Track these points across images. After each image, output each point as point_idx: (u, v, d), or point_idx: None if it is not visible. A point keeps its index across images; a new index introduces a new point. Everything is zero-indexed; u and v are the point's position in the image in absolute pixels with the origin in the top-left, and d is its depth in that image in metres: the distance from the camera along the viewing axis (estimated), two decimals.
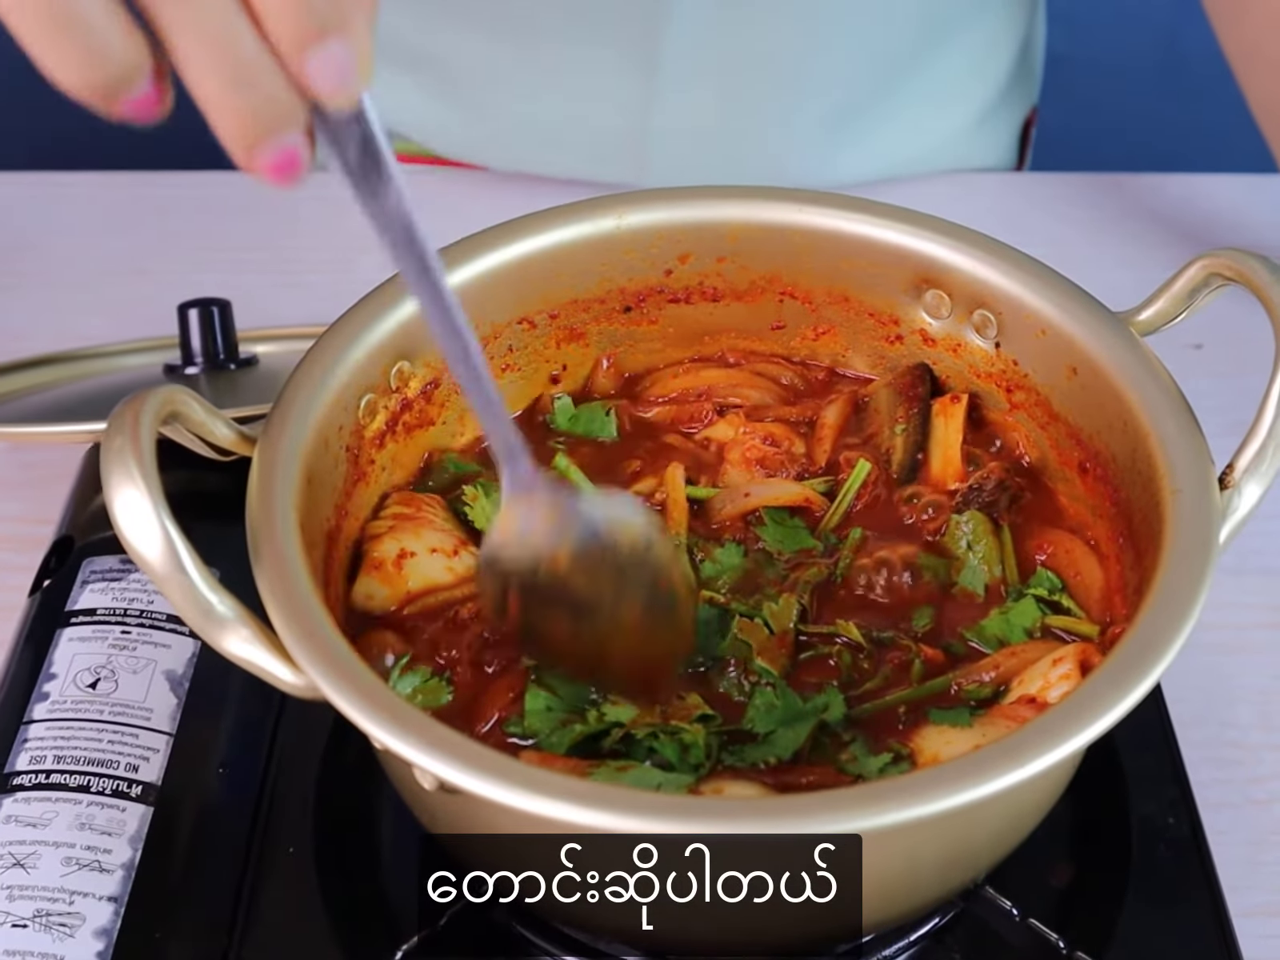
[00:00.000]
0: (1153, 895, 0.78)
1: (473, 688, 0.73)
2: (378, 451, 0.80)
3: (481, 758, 0.60)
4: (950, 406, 0.83)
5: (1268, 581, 0.99)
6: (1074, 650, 0.71)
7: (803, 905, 0.62)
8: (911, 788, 0.59)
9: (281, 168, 0.52)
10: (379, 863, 0.80)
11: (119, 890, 0.76)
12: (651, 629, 0.70)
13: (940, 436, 0.83)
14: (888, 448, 0.83)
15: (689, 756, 0.69)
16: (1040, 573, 0.78)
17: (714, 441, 0.85)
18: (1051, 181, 1.33)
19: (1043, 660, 0.72)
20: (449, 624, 0.75)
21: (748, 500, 0.81)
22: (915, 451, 0.83)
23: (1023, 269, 0.80)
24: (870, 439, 0.85)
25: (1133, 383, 0.74)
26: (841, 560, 0.78)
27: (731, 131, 1.27)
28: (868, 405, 0.86)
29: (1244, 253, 0.73)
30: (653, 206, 0.84)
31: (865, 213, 0.83)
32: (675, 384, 0.88)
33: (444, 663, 0.74)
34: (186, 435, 0.71)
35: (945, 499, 0.81)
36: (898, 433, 0.83)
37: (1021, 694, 0.71)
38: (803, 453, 0.84)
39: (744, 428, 0.84)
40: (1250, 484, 0.70)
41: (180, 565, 0.63)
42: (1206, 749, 0.89)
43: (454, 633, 0.74)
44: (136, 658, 0.85)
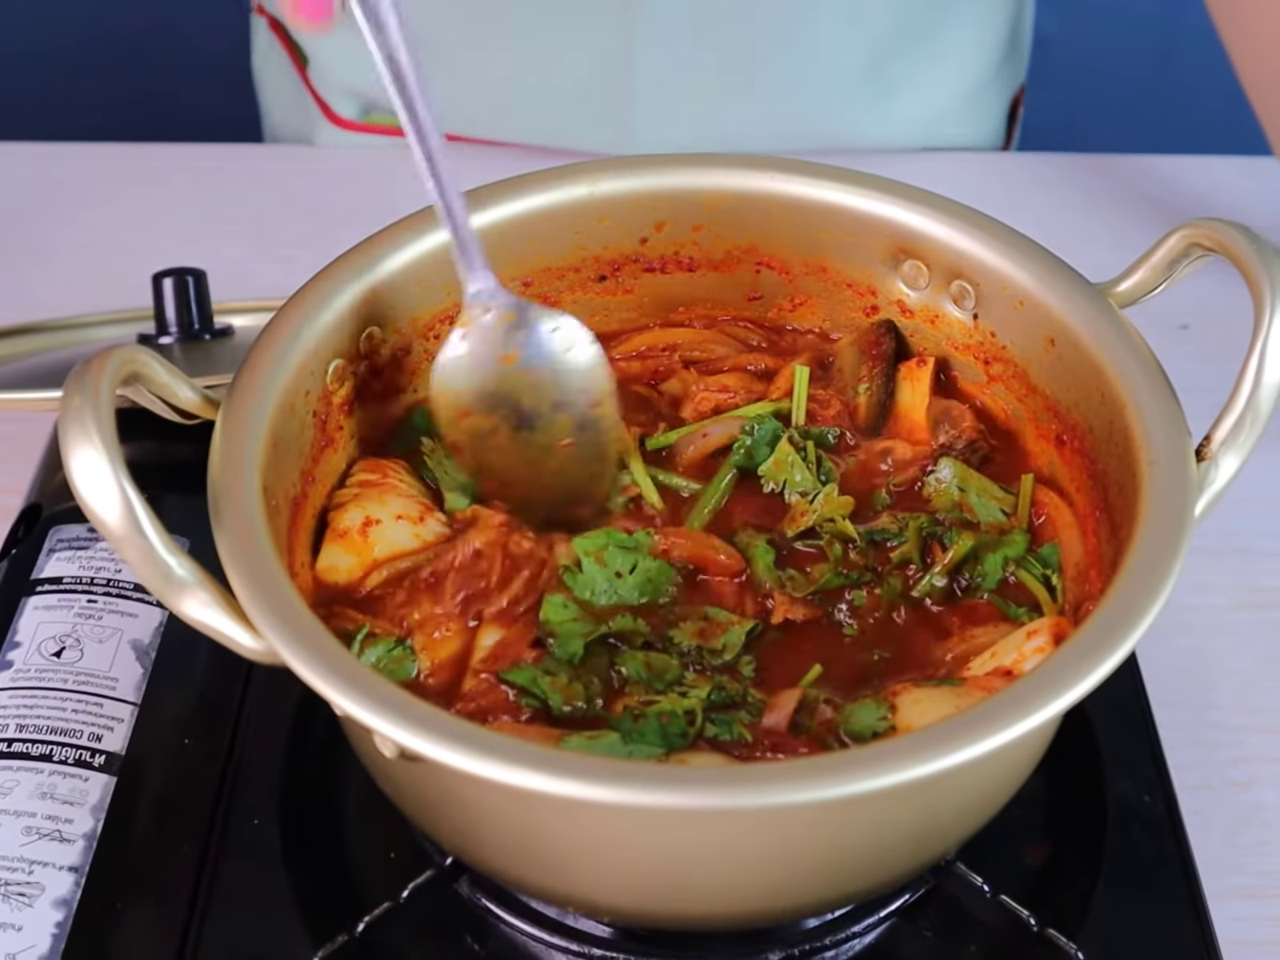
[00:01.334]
0: (1127, 875, 0.77)
1: (459, 641, 0.72)
2: (346, 418, 0.79)
3: (442, 723, 0.59)
4: (916, 370, 0.82)
5: (1248, 563, 0.99)
6: (1048, 624, 0.70)
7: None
8: (878, 757, 0.58)
9: (315, 6, 0.58)
10: (344, 835, 0.79)
11: (80, 860, 0.75)
12: (581, 453, 0.76)
13: (905, 399, 0.82)
14: (853, 405, 0.83)
15: (671, 727, 0.68)
16: (1050, 547, 0.77)
17: (669, 394, 0.85)
18: (1039, 162, 1.33)
19: (1016, 633, 0.71)
20: (419, 587, 0.74)
21: (707, 440, 0.80)
22: (880, 408, 0.82)
23: (1001, 239, 0.79)
24: (834, 396, 0.84)
25: (1110, 354, 0.73)
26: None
27: (714, 98, 1.27)
28: (832, 363, 0.85)
29: (1224, 223, 0.72)
30: (627, 174, 0.83)
31: (843, 182, 0.82)
32: (641, 340, 0.88)
33: (410, 628, 0.72)
34: (149, 397, 0.70)
35: (912, 457, 0.80)
36: (861, 391, 0.82)
37: (996, 666, 0.70)
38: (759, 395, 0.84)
39: (698, 382, 0.83)
40: (1228, 456, 0.69)
41: (138, 527, 0.62)
42: (1186, 730, 0.88)
43: (428, 593, 0.73)
44: (102, 627, 0.85)
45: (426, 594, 0.73)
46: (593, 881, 0.66)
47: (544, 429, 0.77)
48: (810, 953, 0.73)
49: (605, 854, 0.65)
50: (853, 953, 0.74)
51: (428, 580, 0.73)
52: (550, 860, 0.65)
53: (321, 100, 1.37)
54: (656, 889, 0.65)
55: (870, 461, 0.81)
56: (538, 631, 0.72)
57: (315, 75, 1.37)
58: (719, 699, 0.69)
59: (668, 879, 0.65)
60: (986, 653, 0.71)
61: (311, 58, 1.37)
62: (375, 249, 0.79)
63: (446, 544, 0.75)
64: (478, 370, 0.76)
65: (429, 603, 0.72)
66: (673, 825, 0.62)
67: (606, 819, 0.62)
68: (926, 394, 0.82)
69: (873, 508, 0.78)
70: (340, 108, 1.36)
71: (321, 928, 0.74)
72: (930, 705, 0.68)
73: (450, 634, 0.72)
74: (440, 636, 0.72)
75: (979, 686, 0.69)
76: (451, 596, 0.73)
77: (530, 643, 0.71)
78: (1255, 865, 0.83)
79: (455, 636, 0.72)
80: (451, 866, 0.75)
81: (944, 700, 0.68)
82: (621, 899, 0.67)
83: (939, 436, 0.81)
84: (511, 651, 0.71)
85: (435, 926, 0.75)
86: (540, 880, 0.67)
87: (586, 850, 0.64)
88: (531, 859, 0.66)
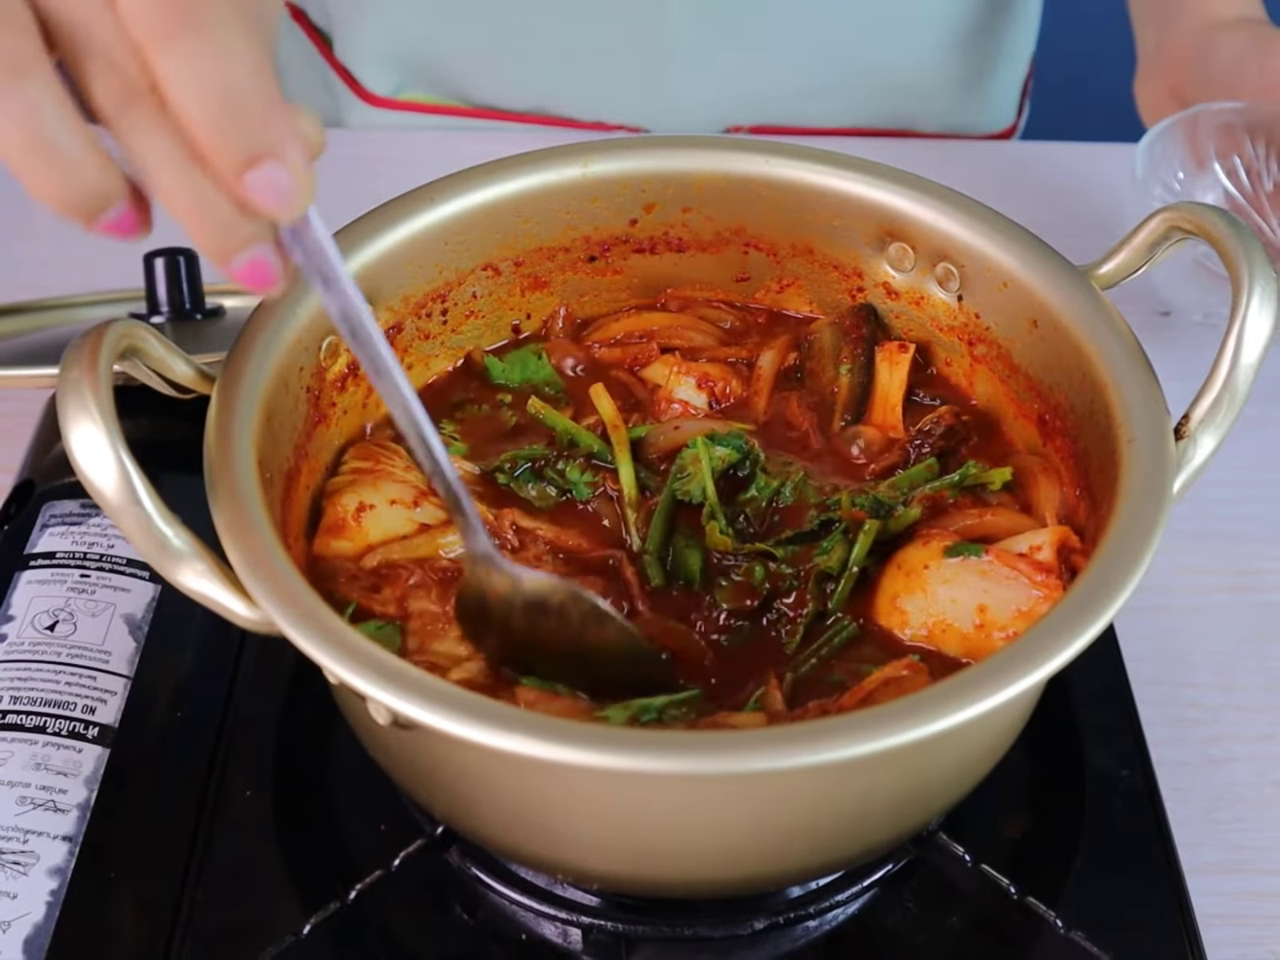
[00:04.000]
0: (1105, 845, 0.78)
1: (451, 640, 0.72)
2: (339, 394, 0.79)
3: (435, 690, 0.60)
4: (897, 354, 0.84)
5: (1229, 545, 1.00)
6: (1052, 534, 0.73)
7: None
8: (862, 724, 0.59)
9: (253, 276, 0.56)
10: (336, 805, 0.80)
11: (74, 830, 0.76)
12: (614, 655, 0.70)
13: (883, 383, 0.83)
14: (833, 387, 0.84)
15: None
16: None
17: (650, 381, 0.85)
18: (1029, 150, 1.33)
19: (1019, 538, 0.73)
20: (430, 580, 0.74)
21: (678, 434, 0.81)
22: (861, 391, 0.83)
23: (986, 222, 0.80)
24: (811, 378, 0.85)
25: (1091, 334, 0.74)
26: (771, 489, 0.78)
27: (750, 68, 1.27)
28: (811, 344, 0.86)
29: (1203, 205, 0.73)
30: (618, 155, 0.84)
31: (830, 165, 0.83)
32: (618, 327, 0.88)
33: (409, 613, 0.73)
34: (145, 371, 0.70)
35: (884, 443, 0.81)
36: (843, 372, 0.83)
37: (1014, 549, 0.72)
38: (740, 393, 0.84)
39: (676, 367, 0.84)
40: (1205, 435, 0.70)
41: (135, 497, 0.62)
42: (1165, 707, 0.89)
43: (438, 589, 0.74)
44: (95, 601, 0.85)
45: (436, 588, 0.73)
46: (581, 848, 0.67)
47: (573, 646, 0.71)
48: (794, 921, 0.74)
49: (593, 820, 0.65)
50: (836, 921, 0.76)
51: (442, 573, 0.74)
52: (540, 827, 0.66)
53: (351, 78, 1.35)
54: (644, 855, 0.66)
55: (842, 450, 0.81)
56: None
57: (342, 49, 1.35)
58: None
59: (654, 844, 0.66)
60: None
61: (336, 32, 1.35)
62: (367, 227, 0.79)
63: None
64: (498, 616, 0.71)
65: (435, 600, 0.73)
66: (659, 789, 0.62)
67: (594, 784, 0.63)
68: (904, 379, 0.83)
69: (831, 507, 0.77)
70: (373, 82, 1.34)
71: (313, 896, 0.74)
72: (960, 591, 0.71)
73: (444, 632, 0.72)
74: (435, 630, 0.72)
75: (1003, 562, 0.71)
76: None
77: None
78: (1231, 840, 0.84)
79: (449, 637, 0.72)
80: (442, 836, 0.75)
81: (972, 585, 0.71)
82: (608, 865, 0.67)
83: (909, 431, 0.82)
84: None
85: (425, 895, 0.76)
86: (530, 847, 0.68)
87: (575, 816, 0.65)
88: (522, 826, 0.67)
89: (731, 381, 0.84)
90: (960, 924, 0.75)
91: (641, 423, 0.82)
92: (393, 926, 0.75)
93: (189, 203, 0.54)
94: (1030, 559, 0.72)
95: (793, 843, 0.66)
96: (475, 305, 0.85)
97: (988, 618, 0.70)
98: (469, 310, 0.85)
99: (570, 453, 0.80)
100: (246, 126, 0.52)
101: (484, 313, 0.86)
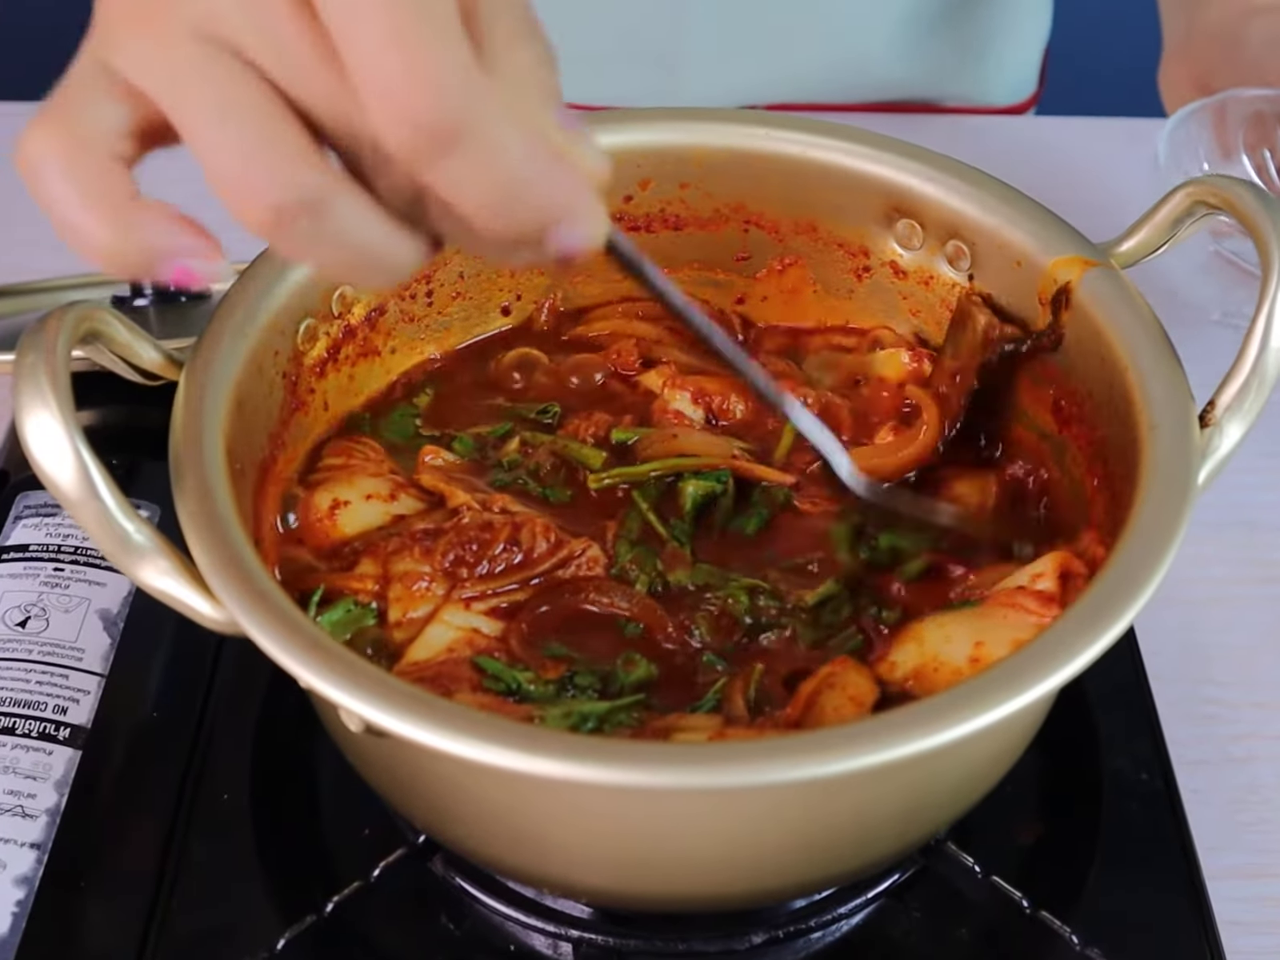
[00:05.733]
0: (1123, 854, 0.75)
1: (435, 605, 0.70)
2: (318, 380, 0.76)
3: (409, 697, 0.57)
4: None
5: (1251, 535, 0.96)
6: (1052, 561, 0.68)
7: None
8: (863, 735, 0.55)
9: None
10: (318, 811, 0.77)
11: (43, 837, 0.73)
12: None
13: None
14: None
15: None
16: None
17: (643, 386, 0.82)
18: (1046, 125, 1.30)
19: (1021, 571, 0.69)
20: (415, 537, 0.72)
21: (673, 443, 0.77)
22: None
23: (998, 197, 0.77)
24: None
25: (1111, 316, 0.71)
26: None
27: (766, 45, 1.25)
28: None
29: (1230, 179, 0.69)
30: (612, 129, 0.80)
31: (835, 138, 0.80)
32: (605, 325, 0.85)
33: (391, 577, 0.71)
34: (110, 357, 0.67)
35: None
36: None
37: (1014, 585, 0.68)
38: (742, 412, 0.81)
39: (671, 379, 0.81)
40: (1232, 423, 0.67)
41: (94, 491, 0.59)
42: (1184, 705, 0.86)
43: (420, 544, 0.71)
44: (69, 596, 0.82)
45: (419, 545, 0.71)
46: (568, 861, 0.64)
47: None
48: (795, 935, 0.71)
49: (580, 833, 0.62)
50: (839, 934, 0.72)
51: (424, 533, 0.72)
52: (524, 840, 0.63)
53: None
54: (633, 869, 0.63)
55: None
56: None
57: None
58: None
59: (645, 859, 0.63)
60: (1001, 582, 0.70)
61: None
62: None
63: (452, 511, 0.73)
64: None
65: (419, 556, 0.71)
66: (649, 804, 0.59)
67: (580, 797, 0.60)
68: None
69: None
70: None
71: (291, 907, 0.72)
72: (955, 629, 0.66)
73: (428, 593, 0.70)
74: (419, 591, 0.70)
75: (1000, 603, 0.67)
76: (442, 555, 0.71)
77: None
78: (1253, 843, 0.81)
79: (432, 599, 0.70)
80: (424, 844, 0.72)
81: (968, 622, 0.66)
82: (597, 879, 0.64)
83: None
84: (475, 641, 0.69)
85: (407, 907, 0.73)
86: (515, 860, 0.65)
87: (561, 829, 0.62)
88: (505, 838, 0.64)
89: (731, 396, 0.81)
90: (969, 940, 0.72)
91: (634, 425, 0.79)
92: (373, 939, 0.72)
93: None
94: (1031, 590, 0.67)
95: (790, 858, 0.63)
96: (462, 286, 0.82)
97: (984, 651, 0.66)
98: (455, 291, 0.82)
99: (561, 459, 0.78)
100: (533, 207, 0.51)
101: (471, 294, 0.83)
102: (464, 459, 0.78)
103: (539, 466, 0.77)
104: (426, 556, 0.71)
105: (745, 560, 0.73)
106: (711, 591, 0.71)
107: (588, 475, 0.77)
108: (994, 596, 0.68)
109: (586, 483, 0.77)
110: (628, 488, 0.76)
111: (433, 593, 0.70)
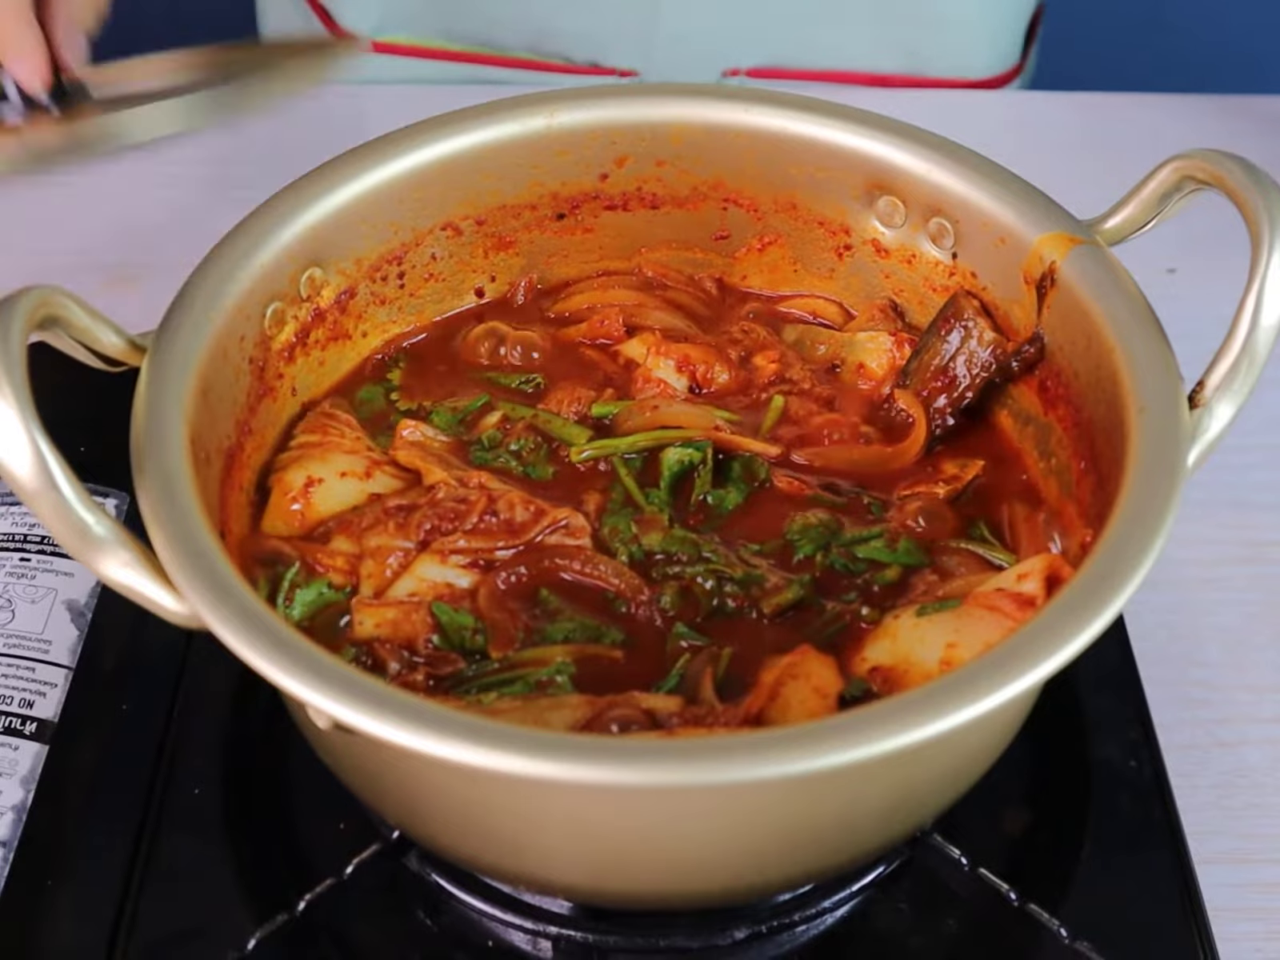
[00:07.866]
0: (1112, 844, 0.74)
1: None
2: (286, 365, 0.75)
3: (376, 695, 0.55)
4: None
5: (1240, 515, 0.95)
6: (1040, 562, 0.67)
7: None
8: (846, 729, 0.54)
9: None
10: (290, 806, 0.76)
11: (8, 835, 0.72)
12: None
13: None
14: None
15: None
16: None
17: (625, 357, 0.81)
18: (1030, 100, 1.29)
19: (1007, 572, 0.68)
20: (390, 511, 0.71)
21: (654, 415, 0.76)
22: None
23: (982, 174, 0.76)
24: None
25: (1097, 294, 0.70)
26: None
27: (741, 13, 1.23)
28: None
29: (1220, 154, 0.68)
30: (587, 105, 0.79)
31: (814, 113, 0.79)
32: (581, 299, 0.84)
33: (365, 552, 0.70)
34: (69, 342, 0.65)
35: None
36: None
37: (995, 586, 0.67)
38: (726, 378, 0.79)
39: (656, 346, 0.80)
40: (1222, 403, 0.66)
41: (51, 481, 0.57)
42: (1173, 688, 0.85)
43: (395, 518, 0.70)
44: (36, 586, 0.81)
45: (393, 519, 0.70)
46: (543, 859, 0.62)
47: None
48: (778, 929, 0.70)
49: (553, 831, 0.61)
50: (823, 928, 0.71)
51: (398, 508, 0.71)
52: (498, 837, 0.62)
53: (329, 17, 1.29)
54: (611, 867, 0.62)
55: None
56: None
57: None
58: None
59: (621, 857, 0.62)
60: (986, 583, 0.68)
61: None
62: (316, 184, 0.75)
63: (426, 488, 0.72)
64: None
65: (393, 531, 0.70)
66: (623, 801, 0.58)
67: (553, 795, 0.58)
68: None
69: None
70: (353, 19, 1.27)
71: (263, 905, 0.70)
72: (930, 630, 0.65)
73: (403, 567, 0.69)
74: (392, 566, 0.69)
75: (979, 604, 0.66)
76: (418, 527, 0.70)
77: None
78: (1242, 829, 0.80)
79: (410, 574, 0.69)
80: (399, 840, 0.71)
81: (944, 624, 0.65)
82: (573, 877, 0.63)
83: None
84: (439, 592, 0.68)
85: (382, 904, 0.71)
86: (488, 857, 0.64)
87: (534, 827, 0.61)
88: (477, 834, 0.63)
89: (715, 365, 0.79)
90: (956, 934, 0.71)
91: (616, 399, 0.78)
92: (348, 938, 0.71)
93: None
94: (1010, 593, 0.66)
95: (770, 855, 0.62)
96: (435, 267, 0.81)
97: (956, 654, 0.64)
98: (428, 273, 0.81)
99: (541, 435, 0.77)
100: None
101: (444, 275, 0.82)
102: (444, 434, 0.76)
103: (521, 445, 0.75)
104: (401, 531, 0.70)
105: (720, 535, 0.72)
106: (681, 566, 0.70)
107: (570, 450, 0.75)
108: (974, 597, 0.67)
109: (569, 459, 0.76)
110: (610, 467, 0.75)
111: (407, 567, 0.69)
